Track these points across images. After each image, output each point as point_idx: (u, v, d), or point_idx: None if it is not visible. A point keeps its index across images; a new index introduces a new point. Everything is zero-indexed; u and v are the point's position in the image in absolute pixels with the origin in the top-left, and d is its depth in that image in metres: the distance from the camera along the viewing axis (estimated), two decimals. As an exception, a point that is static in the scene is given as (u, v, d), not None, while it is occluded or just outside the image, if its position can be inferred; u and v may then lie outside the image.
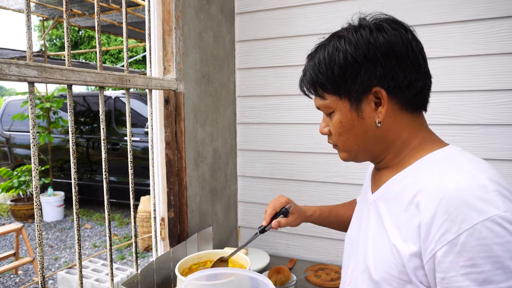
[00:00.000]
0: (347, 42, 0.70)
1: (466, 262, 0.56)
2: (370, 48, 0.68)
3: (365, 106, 0.71)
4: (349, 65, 0.69)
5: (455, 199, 0.59)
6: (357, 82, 0.70)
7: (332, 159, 1.73)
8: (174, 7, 1.37)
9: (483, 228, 0.56)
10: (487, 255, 0.55)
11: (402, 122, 0.73)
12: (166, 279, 1.23)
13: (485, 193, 0.58)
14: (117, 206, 5.96)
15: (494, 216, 0.56)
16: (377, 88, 0.69)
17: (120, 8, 5.23)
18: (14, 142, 6.38)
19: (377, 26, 0.71)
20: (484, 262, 0.55)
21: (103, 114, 1.06)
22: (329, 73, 0.72)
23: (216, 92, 1.70)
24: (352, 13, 0.78)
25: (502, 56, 1.41)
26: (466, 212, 0.57)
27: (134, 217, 1.21)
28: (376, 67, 0.68)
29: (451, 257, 0.58)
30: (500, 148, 1.43)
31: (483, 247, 0.55)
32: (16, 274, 3.88)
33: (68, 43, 0.96)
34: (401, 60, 0.68)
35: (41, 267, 0.89)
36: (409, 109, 0.72)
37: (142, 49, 13.03)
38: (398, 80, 0.69)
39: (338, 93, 0.73)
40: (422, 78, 0.71)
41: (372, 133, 0.73)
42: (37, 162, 0.87)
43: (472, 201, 0.57)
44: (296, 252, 1.85)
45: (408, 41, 0.69)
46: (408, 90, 0.70)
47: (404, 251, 0.64)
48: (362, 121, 0.72)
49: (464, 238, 0.56)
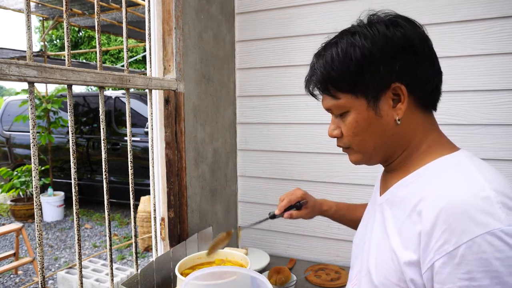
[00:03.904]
0: (363, 37, 0.67)
1: (464, 275, 0.55)
2: (388, 43, 0.66)
3: (383, 104, 0.69)
4: (367, 60, 0.66)
5: (457, 209, 0.57)
6: (375, 78, 0.67)
7: (333, 159, 1.73)
8: (174, 7, 1.37)
9: (483, 241, 0.54)
10: (485, 269, 0.54)
11: (416, 121, 0.70)
12: (166, 279, 1.23)
13: (488, 205, 0.56)
14: (117, 206, 5.95)
15: (495, 229, 0.54)
16: (397, 84, 0.67)
17: (120, 8, 5.23)
18: (14, 142, 6.38)
19: (391, 21, 0.68)
20: (482, 276, 0.54)
21: (103, 114, 1.06)
22: (345, 70, 0.68)
23: (216, 92, 1.70)
24: (352, 13, 0.78)
25: (502, 56, 1.41)
26: (467, 224, 0.55)
27: (134, 217, 1.21)
28: (396, 62, 0.66)
29: (449, 268, 0.56)
30: (500, 148, 1.43)
31: (482, 261, 0.54)
32: (16, 274, 3.88)
33: (68, 43, 0.96)
34: (419, 56, 0.67)
35: (41, 267, 0.89)
36: (422, 107, 0.70)
37: (142, 49, 13.02)
38: (416, 75, 0.67)
39: (354, 90, 0.69)
40: (437, 75, 0.70)
41: (390, 131, 0.70)
42: (37, 162, 0.87)
43: (473, 213, 0.56)
44: (296, 252, 1.85)
45: (424, 36, 0.68)
46: (425, 86, 0.68)
47: (403, 258, 0.63)
48: (380, 119, 0.69)
49: (463, 250, 0.55)
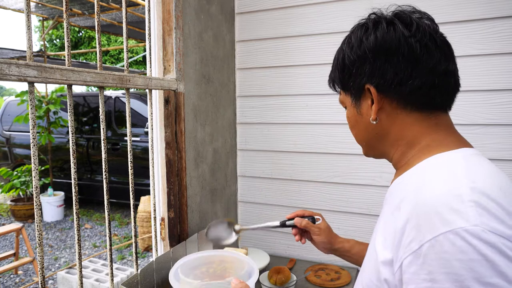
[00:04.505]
0: (347, 42, 0.74)
1: (426, 276, 0.52)
2: (361, 46, 0.70)
3: (363, 103, 0.73)
4: (345, 64, 0.73)
5: (427, 206, 0.55)
6: (351, 80, 0.73)
7: (333, 159, 1.74)
8: (174, 7, 1.37)
9: (445, 240, 0.50)
10: (446, 271, 0.50)
11: (404, 121, 0.70)
12: (166, 279, 1.23)
13: (457, 203, 0.52)
14: (117, 206, 5.96)
15: (459, 228, 0.50)
16: (368, 85, 0.70)
17: (120, 8, 5.23)
18: (14, 142, 6.38)
19: (375, 23, 0.70)
20: (443, 279, 0.50)
21: (103, 114, 1.06)
22: (336, 72, 0.77)
23: (216, 92, 1.70)
24: (352, 13, 0.79)
25: (502, 56, 1.41)
26: (433, 221, 0.53)
27: (134, 217, 1.21)
28: (365, 65, 0.69)
29: (414, 268, 0.54)
30: (500, 148, 1.43)
31: (443, 262, 0.50)
32: (16, 274, 3.88)
33: (68, 43, 0.96)
34: (391, 57, 0.66)
35: (41, 267, 0.89)
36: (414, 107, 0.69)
37: (142, 50, 13.03)
38: (386, 77, 0.67)
39: (344, 89, 0.77)
40: (421, 75, 0.66)
41: (372, 130, 0.74)
42: (37, 162, 0.87)
43: (441, 210, 0.53)
44: (296, 252, 1.85)
45: (403, 36, 0.66)
46: (399, 88, 0.67)
47: (380, 257, 0.61)
48: (361, 118, 0.75)
49: (426, 249, 0.52)
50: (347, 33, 0.77)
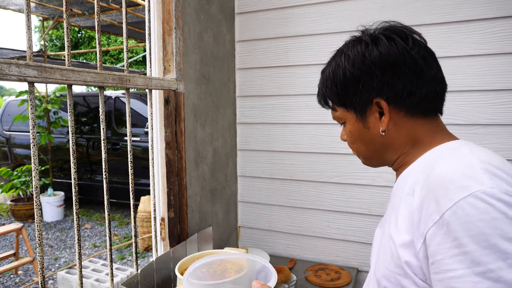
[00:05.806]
0: (346, 58, 0.74)
1: (452, 243, 0.54)
2: (365, 62, 0.72)
3: (370, 117, 0.75)
4: (348, 80, 0.74)
5: (442, 179, 0.58)
6: (357, 95, 0.74)
7: (333, 159, 1.74)
8: (174, 7, 1.37)
9: (465, 204, 0.53)
10: (471, 233, 0.52)
11: (410, 127, 0.74)
12: (166, 279, 1.23)
13: (471, 170, 0.57)
14: (117, 206, 5.95)
15: (477, 191, 0.54)
16: (377, 99, 0.72)
17: (120, 8, 5.23)
18: (14, 142, 6.38)
19: (373, 39, 0.73)
20: (469, 241, 0.52)
21: (103, 114, 1.06)
22: (334, 88, 0.77)
23: (216, 92, 1.70)
24: (352, 13, 0.79)
25: (502, 56, 1.41)
26: (450, 189, 0.56)
27: (134, 217, 1.21)
28: (373, 80, 0.71)
29: (438, 238, 0.55)
30: (500, 148, 1.43)
31: (466, 225, 0.53)
32: (16, 274, 3.88)
33: (68, 43, 0.96)
34: (399, 70, 0.70)
35: (41, 267, 0.89)
36: (418, 114, 0.73)
37: (142, 50, 13.02)
38: (396, 89, 0.71)
39: (344, 105, 0.78)
40: (426, 84, 0.71)
41: (379, 141, 0.76)
42: (37, 162, 0.87)
43: (456, 178, 0.57)
44: (296, 252, 1.85)
45: (405, 50, 0.70)
46: (409, 98, 0.71)
47: (398, 241, 0.63)
48: (368, 131, 0.76)
49: (448, 217, 0.54)
50: (347, 33, 0.77)
